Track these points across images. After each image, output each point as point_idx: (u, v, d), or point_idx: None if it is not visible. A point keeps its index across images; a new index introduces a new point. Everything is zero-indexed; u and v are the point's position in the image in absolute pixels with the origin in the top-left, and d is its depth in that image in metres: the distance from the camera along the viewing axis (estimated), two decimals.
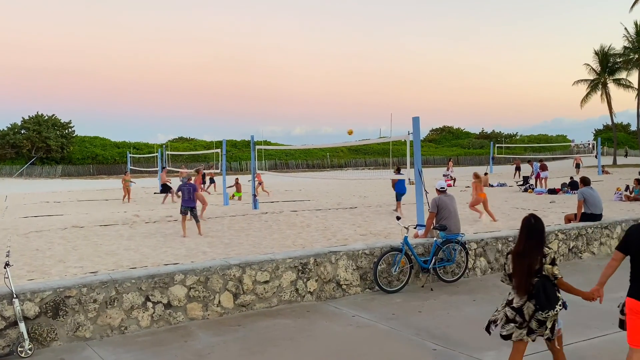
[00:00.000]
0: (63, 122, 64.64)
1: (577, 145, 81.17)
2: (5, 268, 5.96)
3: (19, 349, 5.75)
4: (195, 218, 14.40)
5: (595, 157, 45.06)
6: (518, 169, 39.51)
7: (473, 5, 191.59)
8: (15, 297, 5.83)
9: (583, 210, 11.55)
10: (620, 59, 57.83)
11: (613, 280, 4.73)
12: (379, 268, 8.16)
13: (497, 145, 53.26)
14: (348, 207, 20.84)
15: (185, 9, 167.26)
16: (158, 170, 28.39)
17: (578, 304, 5.43)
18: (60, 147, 62.41)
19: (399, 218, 9.04)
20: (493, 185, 31.97)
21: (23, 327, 5.77)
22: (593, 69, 59.57)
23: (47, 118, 63.39)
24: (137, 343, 6.22)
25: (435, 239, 8.77)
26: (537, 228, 4.55)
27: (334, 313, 7.30)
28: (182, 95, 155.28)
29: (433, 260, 8.54)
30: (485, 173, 34.41)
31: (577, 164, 43.74)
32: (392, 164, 17.45)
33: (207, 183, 29.20)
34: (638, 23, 54.68)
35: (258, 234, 14.10)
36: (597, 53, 58.91)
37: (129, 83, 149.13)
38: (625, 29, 55.86)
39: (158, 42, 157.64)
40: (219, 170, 25.54)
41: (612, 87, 59.27)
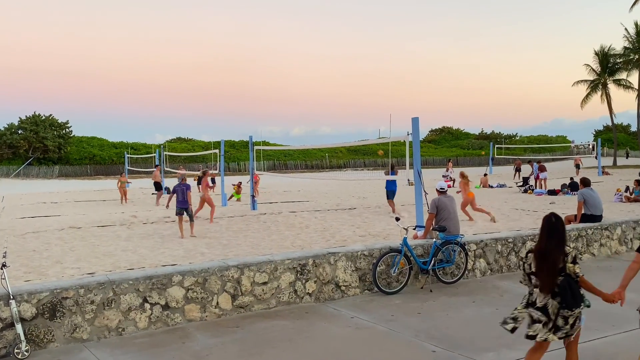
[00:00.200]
0: (60, 122, 64.46)
1: (577, 146, 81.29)
2: (2, 269, 5.93)
3: (16, 351, 5.71)
4: (191, 218, 14.30)
5: (595, 158, 45.12)
6: (518, 170, 39.35)
7: (473, 6, 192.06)
8: (12, 298, 5.79)
9: (583, 212, 11.53)
10: (621, 60, 57.87)
11: (615, 281, 4.70)
12: (378, 269, 8.13)
13: (496, 146, 53.19)
14: (347, 208, 20.82)
15: (184, 10, 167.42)
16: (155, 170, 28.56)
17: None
18: (58, 147, 62.21)
19: (398, 219, 9.01)
20: (493, 186, 31.96)
21: (20, 328, 5.73)
22: (593, 70, 59.64)
23: (44, 118, 63.17)
24: (134, 344, 6.19)
25: (435, 240, 8.74)
26: (558, 227, 4.59)
27: (333, 314, 7.27)
28: (180, 96, 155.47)
29: (432, 262, 8.50)
30: (485, 174, 34.44)
31: (577, 165, 43.74)
32: (390, 165, 17.46)
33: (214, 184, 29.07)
34: (638, 23, 54.68)
35: (256, 235, 14.06)
36: (597, 53, 58.98)
37: (127, 83, 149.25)
38: (626, 29, 56.03)
39: (156, 42, 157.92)
40: (217, 172, 25.49)
41: (612, 87, 59.48)
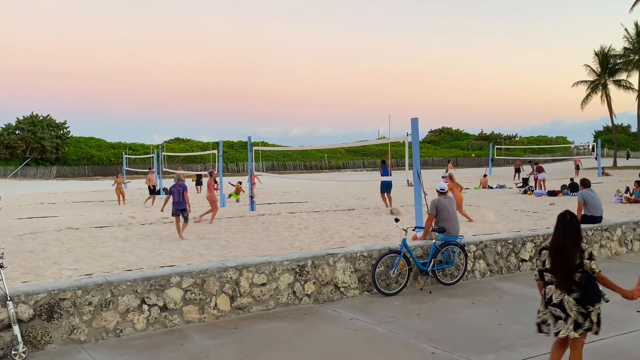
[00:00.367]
0: (58, 122, 64.38)
1: (577, 147, 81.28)
2: None
3: (13, 352, 5.67)
4: (185, 220, 14.14)
5: (595, 158, 45.11)
6: (518, 171, 39.30)
7: (472, 6, 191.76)
8: (9, 299, 5.75)
9: (583, 213, 11.49)
10: (621, 60, 57.97)
11: (621, 281, 4.67)
12: (377, 270, 8.10)
13: (496, 147, 53.18)
14: (346, 208, 20.79)
15: (184, 10, 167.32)
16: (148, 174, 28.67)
17: None
18: (55, 147, 62.12)
19: (398, 220, 8.97)
20: (492, 187, 31.93)
21: (17, 330, 5.70)
22: (593, 70, 59.71)
23: (42, 118, 63.06)
24: (132, 346, 6.16)
25: (434, 241, 8.71)
26: (573, 224, 4.62)
27: (332, 316, 7.24)
28: (178, 96, 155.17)
29: (432, 263, 8.47)
30: (485, 175, 34.42)
31: (576, 166, 43.72)
32: (382, 161, 17.46)
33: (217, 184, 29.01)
34: (638, 24, 54.79)
35: (255, 236, 14.02)
36: (597, 54, 59.05)
37: (125, 83, 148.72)
38: (626, 30, 56.09)
39: (154, 42, 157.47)
40: (216, 172, 25.47)
41: (612, 88, 59.61)
